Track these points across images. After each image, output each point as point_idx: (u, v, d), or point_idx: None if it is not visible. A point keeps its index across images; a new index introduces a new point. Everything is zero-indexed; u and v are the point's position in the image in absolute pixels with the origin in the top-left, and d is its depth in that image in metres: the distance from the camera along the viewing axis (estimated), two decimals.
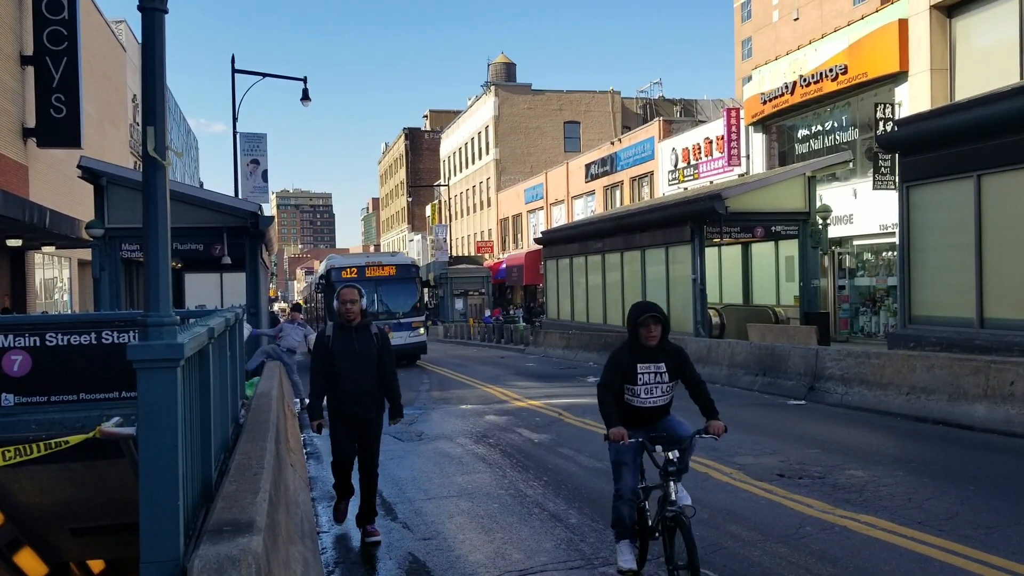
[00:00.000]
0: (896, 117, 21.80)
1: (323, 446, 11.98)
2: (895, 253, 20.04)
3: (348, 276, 25.02)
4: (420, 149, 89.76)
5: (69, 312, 26.06)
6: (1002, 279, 13.62)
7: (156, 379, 3.31)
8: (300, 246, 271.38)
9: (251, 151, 33.74)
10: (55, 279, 27.74)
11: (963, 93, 20.17)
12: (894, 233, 19.59)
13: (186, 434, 3.91)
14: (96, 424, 4.74)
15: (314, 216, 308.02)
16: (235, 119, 30.08)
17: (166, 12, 3.37)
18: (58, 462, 6.09)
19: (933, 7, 21.28)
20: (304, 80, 29.66)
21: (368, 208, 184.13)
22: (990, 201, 13.73)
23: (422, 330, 26.56)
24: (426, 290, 54.58)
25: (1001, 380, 10.86)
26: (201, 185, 64.97)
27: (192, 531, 4.14)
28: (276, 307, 72.12)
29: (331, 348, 7.06)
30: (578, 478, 9.06)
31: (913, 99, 22.01)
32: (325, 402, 7.15)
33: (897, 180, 16.45)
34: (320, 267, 30.26)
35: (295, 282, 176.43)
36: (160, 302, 3.37)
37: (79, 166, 17.45)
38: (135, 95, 43.01)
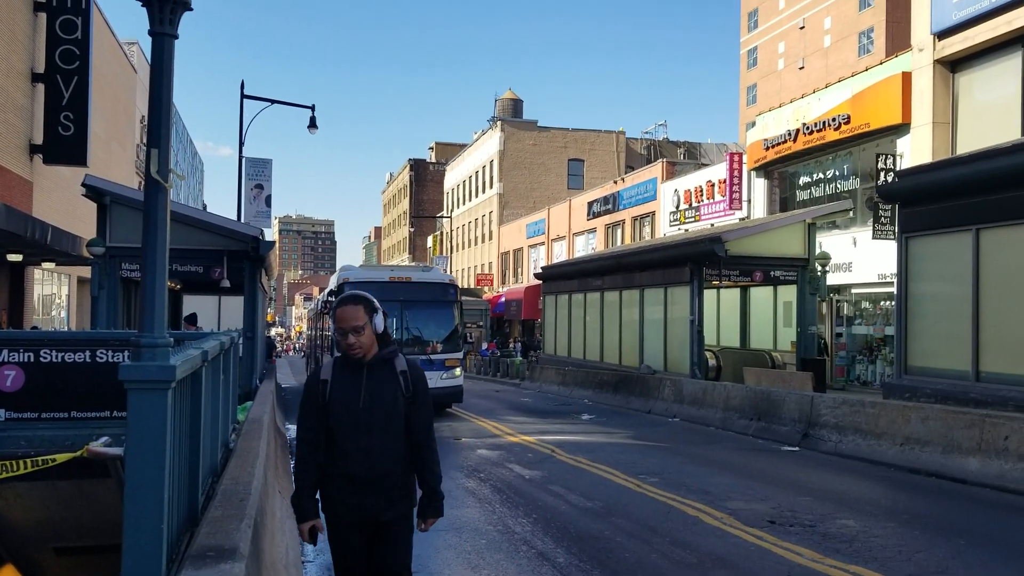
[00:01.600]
0: (897, 168, 21.96)
1: None
2: (892, 302, 20.08)
3: (368, 292, 22.76)
4: (424, 180, 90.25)
5: (65, 329, 26.03)
6: (998, 333, 13.63)
7: (147, 400, 3.31)
8: (300, 272, 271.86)
9: (256, 176, 33.95)
10: (53, 295, 27.75)
11: (965, 147, 20.34)
12: (892, 283, 19.64)
13: (174, 457, 3.89)
14: (85, 443, 4.73)
15: (315, 242, 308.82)
16: (241, 144, 30.30)
17: (176, 37, 3.41)
18: (45, 480, 6.05)
19: (937, 62, 21.52)
20: (312, 108, 29.95)
21: (370, 236, 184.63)
22: (988, 255, 13.78)
23: (459, 371, 19.49)
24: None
25: (995, 435, 10.83)
26: (204, 207, 65.19)
27: (175, 555, 4.11)
28: (273, 332, 71.97)
29: (328, 400, 4.38)
30: (567, 516, 9.00)
31: (915, 151, 22.18)
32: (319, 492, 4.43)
33: (896, 230, 16.53)
34: (331, 281, 23.19)
35: (293, 307, 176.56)
36: (155, 323, 3.38)
37: (84, 184, 17.52)
38: (143, 116, 43.34)
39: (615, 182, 45.25)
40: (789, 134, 27.98)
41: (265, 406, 12.05)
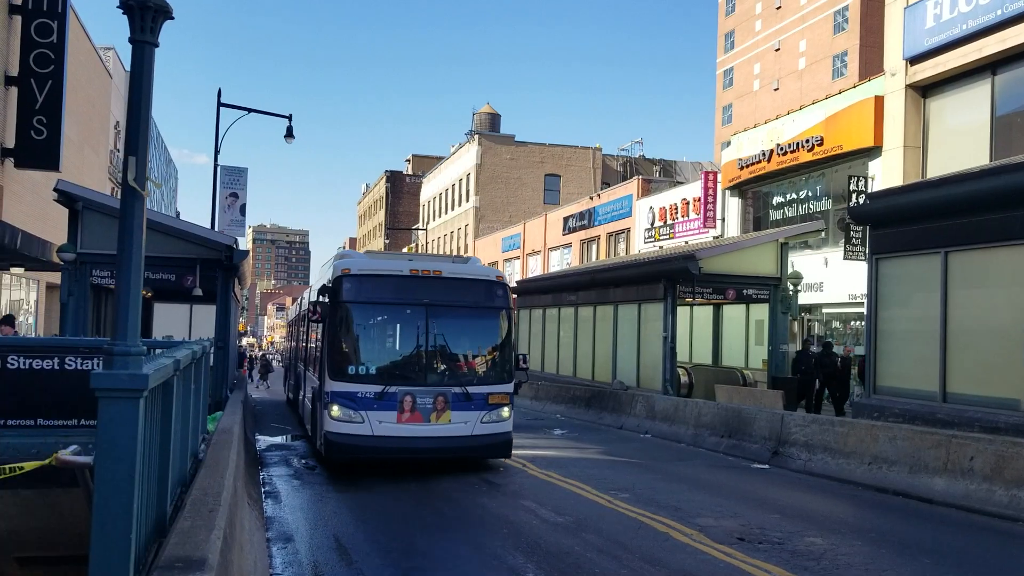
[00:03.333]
0: (869, 190, 22.25)
1: (282, 485, 11.83)
2: (863, 322, 20.29)
3: (379, 292, 13.06)
4: (400, 192, 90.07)
5: (32, 336, 25.65)
6: (965, 355, 13.82)
7: (118, 409, 3.29)
8: (274, 282, 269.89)
9: (231, 184, 33.76)
10: (21, 301, 27.35)
11: (935, 171, 20.66)
12: (863, 303, 19.85)
13: (144, 466, 3.86)
14: (52, 451, 4.67)
15: (290, 252, 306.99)
16: (217, 152, 30.14)
17: (156, 46, 3.41)
18: (11, 488, 5.95)
19: (909, 86, 21.87)
20: (289, 118, 29.86)
21: (345, 247, 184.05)
22: (956, 278, 13.99)
23: (507, 411, 13.16)
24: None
25: (961, 455, 10.96)
26: (178, 215, 64.64)
27: (142, 566, 4.07)
28: (244, 342, 71.33)
29: None
30: (538, 531, 9.00)
31: (886, 173, 22.50)
32: None
33: (867, 252, 16.74)
34: (322, 272, 16.88)
35: (266, 317, 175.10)
36: (128, 331, 3.36)
37: (56, 189, 17.33)
38: (118, 122, 42.98)
39: (591, 198, 45.45)
40: (763, 154, 28.28)
41: (235, 416, 11.95)
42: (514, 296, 30.69)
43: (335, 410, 12.13)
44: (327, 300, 12.78)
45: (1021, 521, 9.73)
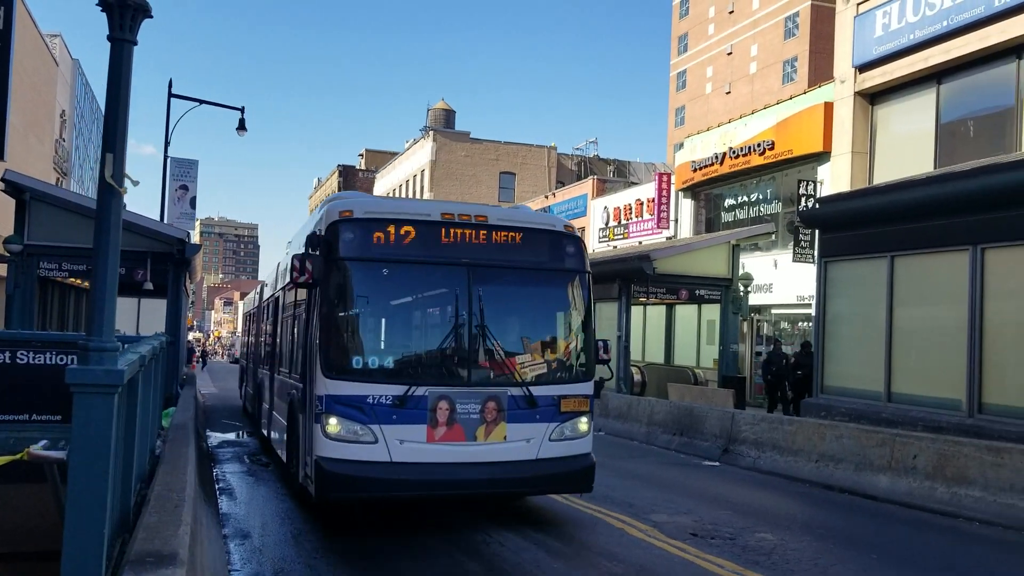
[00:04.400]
0: (818, 194, 22.77)
1: (236, 482, 11.74)
2: (810, 323, 20.76)
3: (396, 246, 8.74)
4: (353, 187, 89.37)
5: None
6: (909, 356, 14.25)
7: (93, 404, 3.29)
8: (221, 275, 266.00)
9: (181, 176, 33.17)
10: None
11: (881, 176, 21.21)
12: (810, 304, 20.31)
13: (113, 461, 3.87)
14: (16, 446, 4.60)
15: (238, 246, 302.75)
16: (167, 144, 29.64)
17: (135, 44, 3.41)
18: None
19: (857, 94, 22.40)
20: (242, 110, 29.51)
21: None
22: (902, 281, 14.42)
23: (585, 423, 9.21)
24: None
25: (905, 453, 11.32)
26: (124, 206, 63.34)
27: (109, 560, 4.07)
28: (191, 336, 70.32)
29: None
30: (490, 526, 9.08)
31: (834, 178, 23.03)
32: None
33: (816, 254, 17.15)
34: (312, 219, 10.48)
35: (213, 312, 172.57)
36: (104, 327, 3.36)
37: (3, 179, 16.96)
38: (64, 110, 42.05)
39: (546, 196, 45.69)
40: (716, 157, 28.74)
41: (188, 412, 11.86)
42: None
43: (333, 424, 8.13)
44: (319, 253, 8.48)
45: (961, 517, 10.10)
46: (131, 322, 25.43)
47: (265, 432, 14.24)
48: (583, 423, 9.11)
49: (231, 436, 17.45)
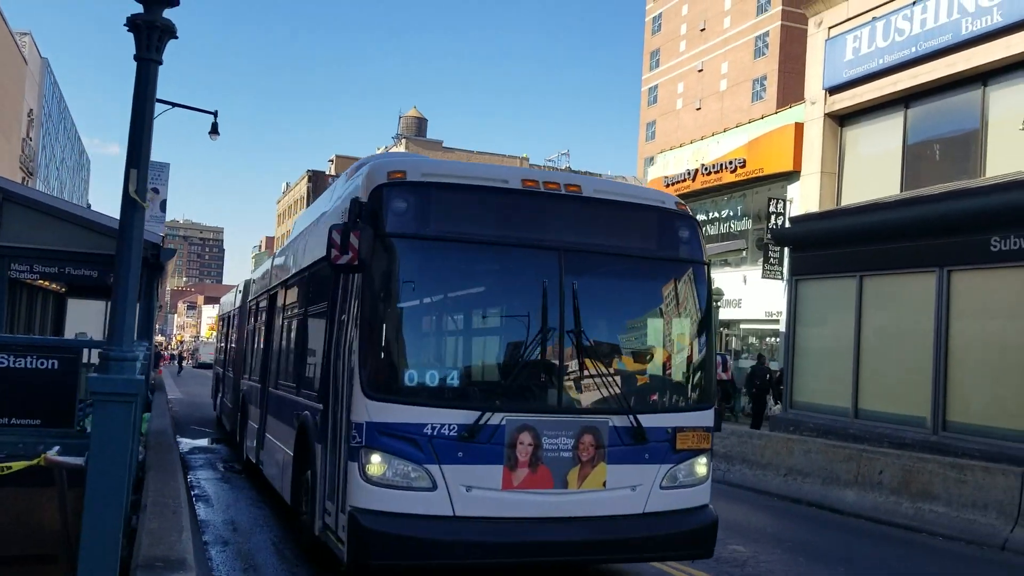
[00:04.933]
0: (787, 213, 23.20)
1: (211, 489, 11.73)
2: (778, 339, 21.14)
3: (464, 220, 6.69)
4: (322, 192, 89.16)
5: None
6: (876, 374, 14.61)
7: (113, 412, 3.39)
8: (185, 279, 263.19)
9: (152, 180, 32.91)
10: None
11: (850, 197, 21.67)
12: (778, 320, 20.68)
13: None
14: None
15: (203, 249, 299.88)
16: None
17: (160, 63, 3.51)
18: None
19: (827, 115, 22.87)
20: (215, 114, 29.39)
21: (261, 246, 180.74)
22: (870, 301, 14.80)
23: (703, 465, 7.05)
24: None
25: (871, 468, 11.61)
26: (88, 207, 62.68)
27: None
28: (158, 340, 69.54)
29: None
30: None
31: (804, 198, 23.47)
32: None
33: (785, 271, 17.52)
34: (340, 185, 9.13)
35: (176, 316, 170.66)
36: (124, 337, 3.45)
37: None
38: (31, 109, 41.54)
39: None
40: (688, 173, 29.17)
41: (165, 419, 11.85)
42: None
43: (376, 463, 6.10)
44: (361, 220, 6.19)
45: (925, 532, 10.40)
46: (98, 325, 25.18)
47: (250, 456, 12.15)
48: (702, 465, 6.99)
49: (202, 442, 17.38)
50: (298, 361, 9.02)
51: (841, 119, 22.97)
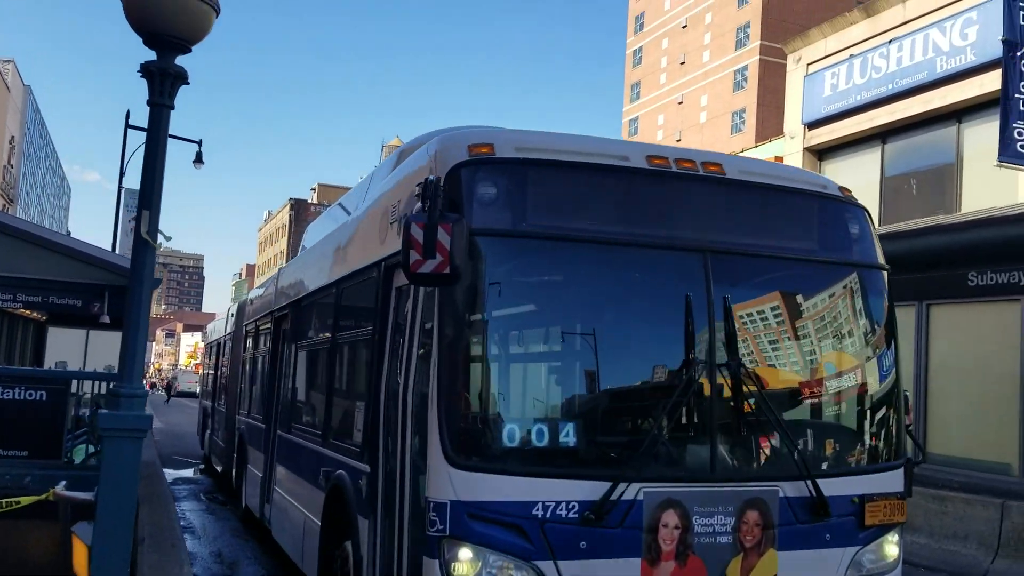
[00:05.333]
0: None
1: (197, 520, 11.68)
2: None
3: (576, 208, 4.69)
4: (304, 220, 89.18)
5: None
6: None
7: (122, 448, 3.45)
8: (164, 306, 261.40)
9: (135, 207, 33.01)
10: None
11: None
12: None
13: None
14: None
15: (183, 277, 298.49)
16: (122, 175, 29.52)
17: (172, 108, 3.61)
18: None
19: (806, 149, 23.30)
20: (199, 143, 29.54)
21: (241, 274, 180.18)
22: None
23: (894, 540, 5.10)
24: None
25: None
26: (69, 234, 62.40)
27: None
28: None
29: None
30: None
31: None
32: None
33: None
34: (389, 166, 7.01)
35: (154, 343, 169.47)
36: (134, 374, 3.53)
37: None
38: (13, 136, 41.48)
39: None
40: None
41: (151, 449, 11.83)
42: None
43: (467, 559, 4.21)
44: (459, 223, 4.19)
45: (908, 563, 10.49)
46: (78, 354, 25.05)
47: (252, 508, 10.58)
48: (892, 544, 5.14)
49: (186, 473, 17.30)
50: (325, 402, 7.02)
51: (820, 153, 23.40)
